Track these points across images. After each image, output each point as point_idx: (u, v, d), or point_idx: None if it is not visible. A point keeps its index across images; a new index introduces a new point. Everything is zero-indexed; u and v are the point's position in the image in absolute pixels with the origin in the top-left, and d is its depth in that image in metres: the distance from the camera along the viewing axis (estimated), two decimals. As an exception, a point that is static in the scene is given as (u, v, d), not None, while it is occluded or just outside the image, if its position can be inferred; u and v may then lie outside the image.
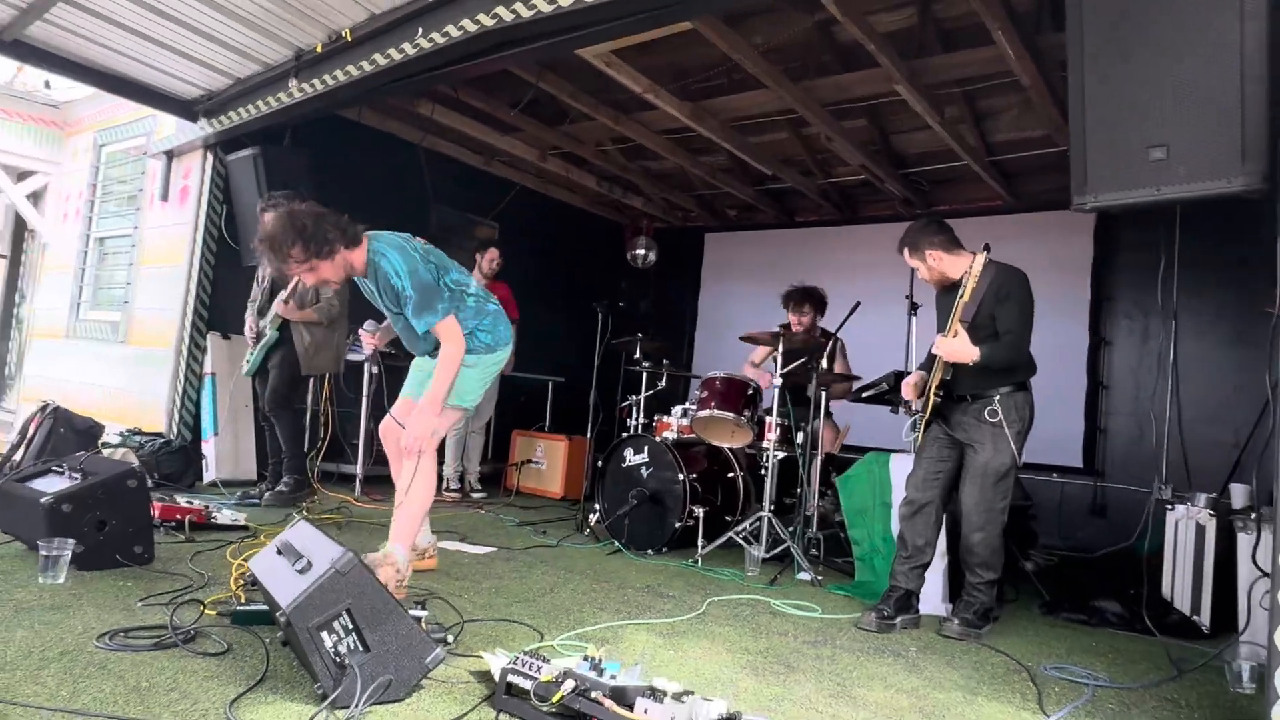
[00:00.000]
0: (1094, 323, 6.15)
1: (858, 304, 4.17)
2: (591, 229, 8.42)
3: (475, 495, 5.79)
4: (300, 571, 1.89)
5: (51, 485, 2.92)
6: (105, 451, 4.68)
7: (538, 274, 7.27)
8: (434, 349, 3.10)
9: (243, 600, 2.59)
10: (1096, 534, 5.85)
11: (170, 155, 5.78)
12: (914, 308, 4.33)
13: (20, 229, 8.29)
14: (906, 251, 3.24)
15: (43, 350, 7.06)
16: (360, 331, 3.71)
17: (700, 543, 4.07)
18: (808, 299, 4.99)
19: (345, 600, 1.84)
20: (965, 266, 3.07)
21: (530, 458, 6.24)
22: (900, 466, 3.75)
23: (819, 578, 3.83)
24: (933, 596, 3.36)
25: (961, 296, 2.95)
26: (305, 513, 4.42)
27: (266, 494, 4.58)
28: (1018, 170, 6.35)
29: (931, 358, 3.24)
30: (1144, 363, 5.95)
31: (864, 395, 4.44)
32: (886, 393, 4.34)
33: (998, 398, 3.01)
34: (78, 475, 2.94)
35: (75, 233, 6.90)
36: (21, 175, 7.53)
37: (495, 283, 5.94)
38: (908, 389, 3.29)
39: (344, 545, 1.92)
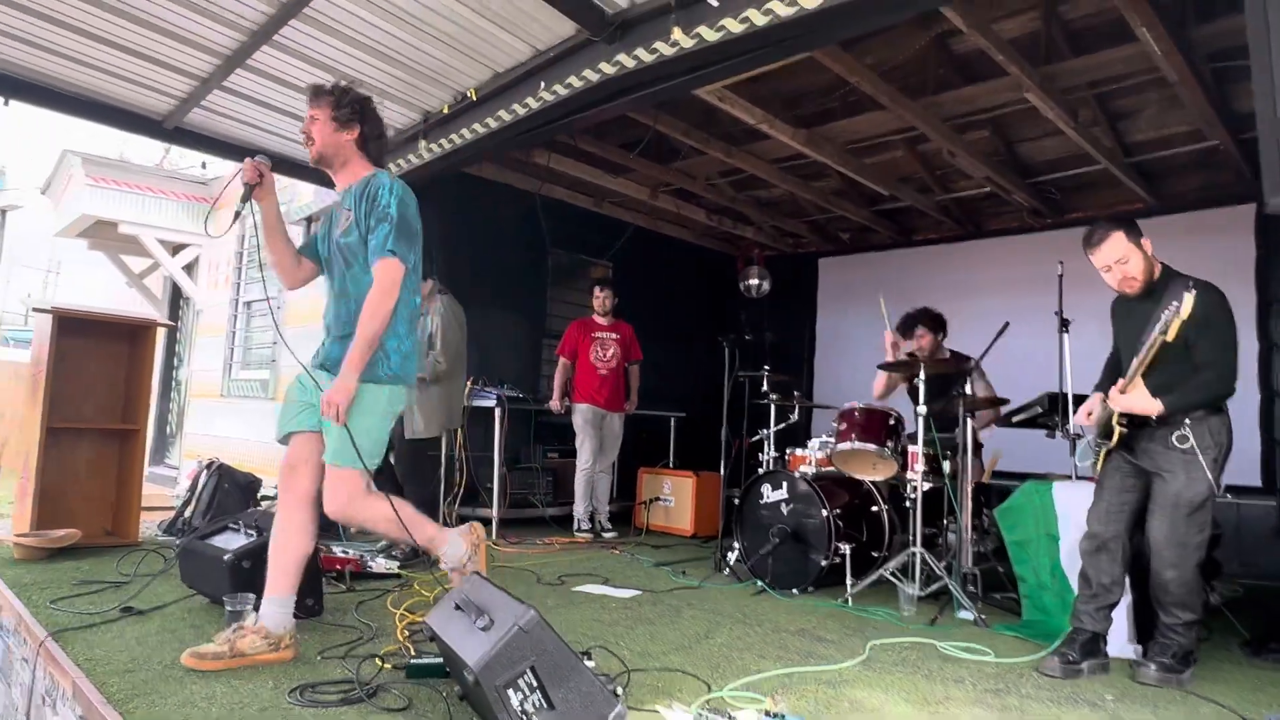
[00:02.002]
0: (1262, 327, 5.65)
1: (1006, 325, 3.97)
2: (702, 262, 8.42)
3: (606, 535, 5.80)
4: (483, 629, 1.91)
5: (230, 542, 3.08)
6: (264, 504, 4.95)
7: (653, 311, 7.30)
8: (345, 337, 2.66)
9: (413, 653, 2.64)
10: (1283, 559, 5.31)
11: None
12: (1065, 324, 4.07)
13: (176, 298, 9.01)
14: (1119, 239, 2.86)
15: (200, 409, 7.60)
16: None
17: (849, 581, 3.92)
18: (918, 320, 4.76)
19: (529, 658, 1.83)
20: (1156, 276, 2.87)
21: (658, 495, 6.21)
22: (1066, 494, 3.51)
23: (982, 617, 3.61)
24: (1118, 637, 3.09)
25: (1164, 335, 2.62)
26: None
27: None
28: (1159, 170, 5.97)
29: (1109, 378, 3.01)
30: (1328, 368, 5.42)
31: (1014, 420, 4.19)
32: (1040, 416, 4.10)
33: (1188, 422, 2.76)
34: (253, 532, 3.10)
35: (225, 299, 7.43)
36: (176, 249, 8.19)
37: (618, 322, 6.01)
38: (1084, 417, 3.06)
39: (524, 602, 1.92)
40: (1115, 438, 2.88)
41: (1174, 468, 2.78)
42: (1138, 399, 2.72)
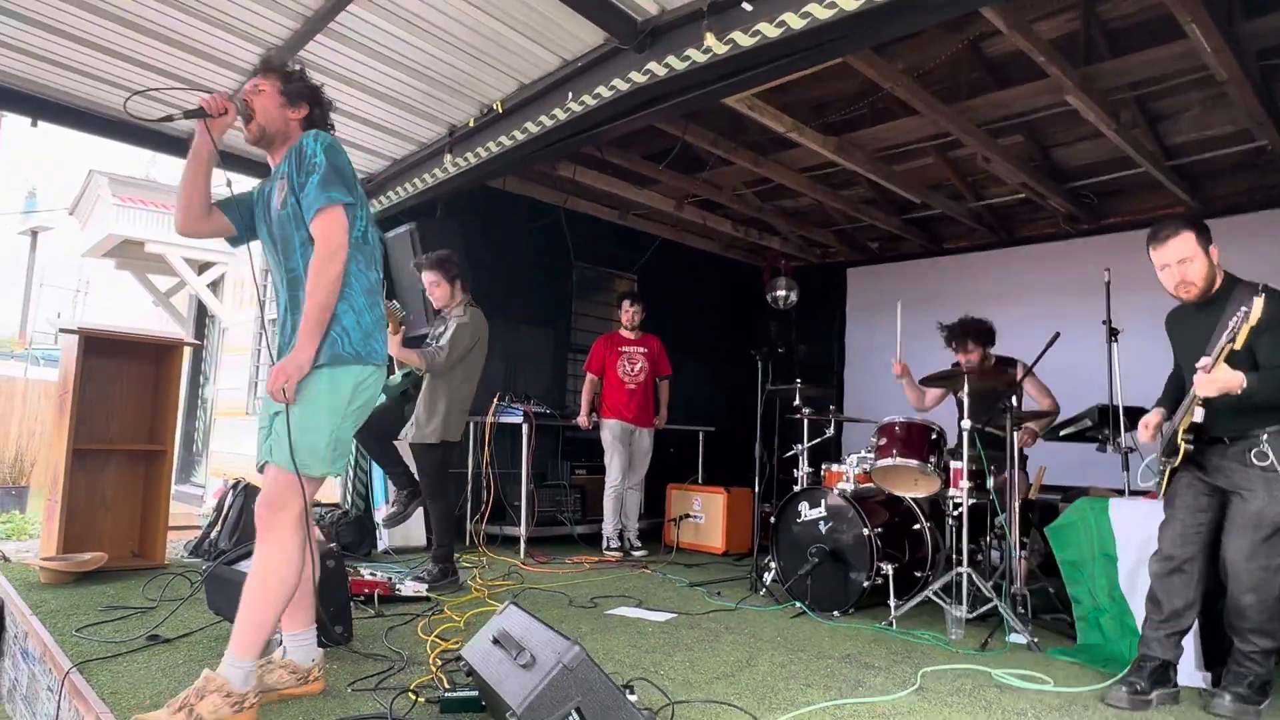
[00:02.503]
0: (1315, 334, 5.43)
1: (1057, 335, 3.81)
2: (729, 274, 8.31)
3: (636, 553, 5.68)
4: (524, 666, 1.80)
5: (258, 567, 2.99)
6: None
7: (679, 323, 7.20)
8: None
9: (446, 685, 2.54)
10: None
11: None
12: (1114, 334, 3.92)
13: (202, 316, 9.03)
14: (1188, 238, 2.71)
15: (226, 428, 7.58)
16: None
17: (892, 603, 3.77)
18: (968, 335, 4.59)
19: (575, 698, 1.72)
20: (1218, 284, 2.74)
21: (688, 512, 6.08)
22: (1123, 512, 3.35)
23: (1035, 640, 3.45)
24: (1185, 664, 2.92)
25: (1231, 342, 2.47)
26: (476, 580, 4.42)
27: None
28: (1202, 172, 5.79)
29: (1174, 397, 2.86)
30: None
31: (1062, 434, 4.04)
32: (1090, 429, 3.94)
33: (1265, 437, 2.60)
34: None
35: (250, 316, 7.41)
36: (202, 267, 8.21)
37: (646, 335, 5.91)
38: (1145, 432, 2.90)
39: (567, 636, 1.82)
40: (1180, 455, 2.73)
41: (1253, 486, 2.61)
42: (1222, 373, 2.53)
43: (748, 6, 3.10)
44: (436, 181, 4.90)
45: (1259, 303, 2.43)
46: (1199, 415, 2.62)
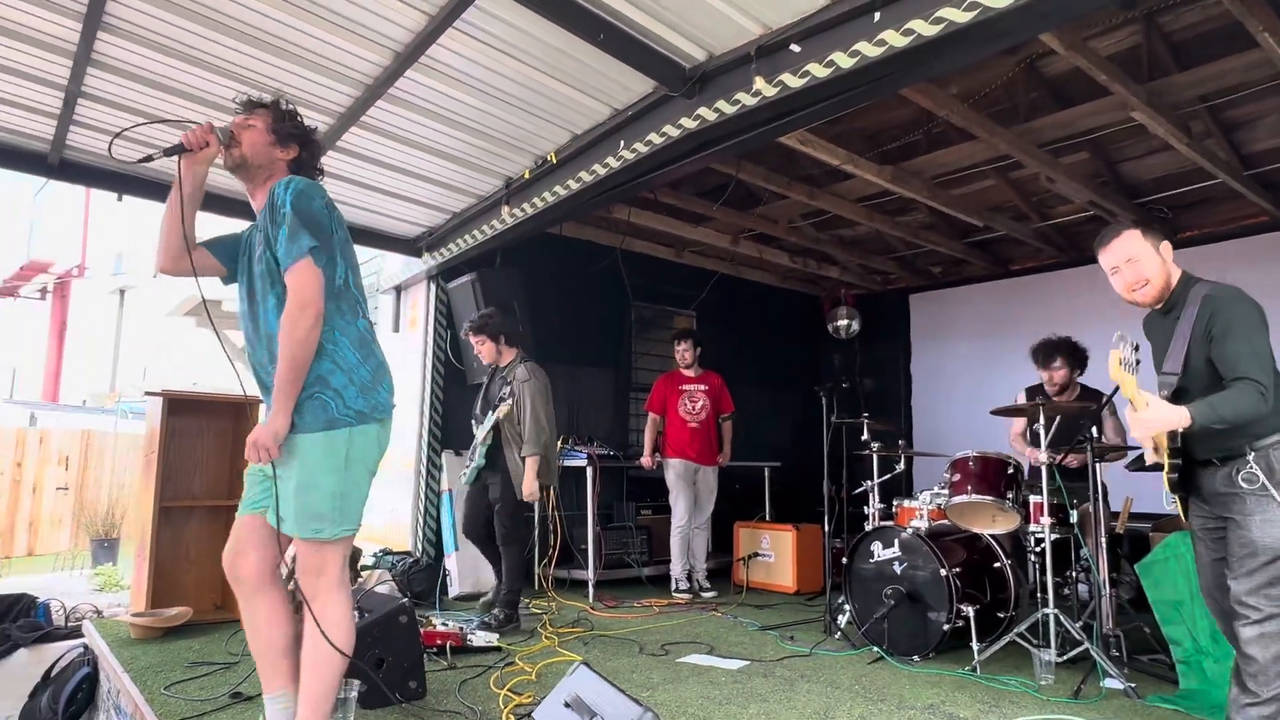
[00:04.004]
0: None
1: (1138, 361, 3.64)
2: (789, 306, 8.24)
3: (705, 594, 5.60)
4: (597, 733, 1.78)
5: (333, 624, 3.04)
6: (364, 574, 4.98)
7: (740, 358, 7.17)
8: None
9: (520, 743, 2.53)
10: None
11: (399, 290, 6.29)
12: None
13: (276, 368, 9.35)
14: (1133, 236, 2.58)
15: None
16: None
17: (975, 646, 3.62)
18: (1058, 352, 4.47)
19: (649, 767, 1.69)
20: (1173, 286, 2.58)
21: (756, 550, 5.98)
22: (1221, 548, 3.15)
23: (1132, 686, 3.26)
24: None
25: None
26: (547, 626, 4.42)
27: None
28: (1285, 179, 5.52)
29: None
30: None
31: (1149, 463, 3.84)
32: (1179, 458, 3.74)
33: (1252, 455, 2.35)
34: (354, 613, 3.06)
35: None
36: (275, 321, 8.52)
37: (706, 373, 5.89)
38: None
39: (639, 701, 1.79)
40: (1166, 483, 2.54)
41: (1246, 510, 2.38)
42: (1159, 412, 2.38)
43: (796, 48, 3.10)
44: (495, 233, 5.00)
45: (1114, 355, 2.43)
46: (1176, 441, 2.45)
